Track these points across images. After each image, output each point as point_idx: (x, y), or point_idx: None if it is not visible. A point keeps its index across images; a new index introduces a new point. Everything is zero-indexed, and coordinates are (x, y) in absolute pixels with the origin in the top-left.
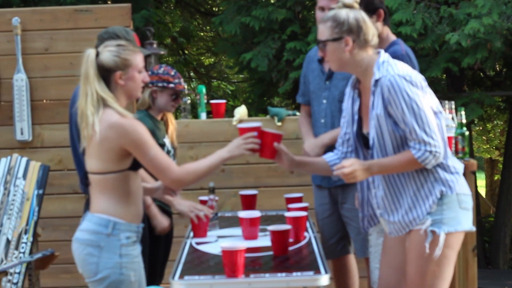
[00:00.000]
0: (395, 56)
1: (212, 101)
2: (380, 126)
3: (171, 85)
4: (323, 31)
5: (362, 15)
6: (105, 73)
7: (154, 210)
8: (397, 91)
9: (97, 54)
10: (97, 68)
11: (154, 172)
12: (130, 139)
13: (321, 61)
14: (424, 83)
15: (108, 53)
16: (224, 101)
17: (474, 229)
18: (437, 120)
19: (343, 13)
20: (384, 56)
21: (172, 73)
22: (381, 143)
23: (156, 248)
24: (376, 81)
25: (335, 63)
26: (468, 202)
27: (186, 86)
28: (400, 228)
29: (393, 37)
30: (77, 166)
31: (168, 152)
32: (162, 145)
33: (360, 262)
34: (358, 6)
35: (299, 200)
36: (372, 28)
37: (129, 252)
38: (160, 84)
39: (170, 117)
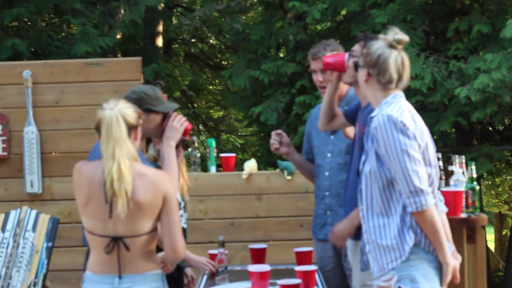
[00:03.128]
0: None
1: (222, 155)
2: (369, 163)
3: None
4: None
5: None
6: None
7: (188, 254)
8: (381, 130)
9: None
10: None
11: (169, 235)
12: (167, 193)
13: None
14: (418, 132)
15: (130, 110)
16: (234, 154)
17: None
18: (428, 169)
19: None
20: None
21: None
22: (368, 182)
23: None
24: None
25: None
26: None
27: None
28: None
29: None
30: None
31: (179, 205)
32: None
33: None
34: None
35: (309, 254)
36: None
37: None
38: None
39: (181, 169)
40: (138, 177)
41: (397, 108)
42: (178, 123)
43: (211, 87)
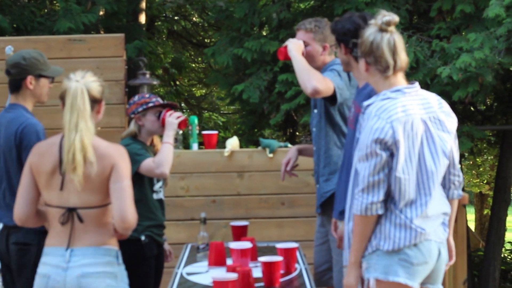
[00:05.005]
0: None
1: (204, 132)
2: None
3: (150, 104)
4: None
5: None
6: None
7: None
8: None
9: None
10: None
11: (118, 203)
12: (116, 163)
13: None
14: (388, 138)
15: (95, 84)
16: (216, 132)
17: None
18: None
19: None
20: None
21: (147, 95)
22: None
23: (147, 280)
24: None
25: None
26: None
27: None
28: None
29: None
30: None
31: (158, 179)
32: None
33: None
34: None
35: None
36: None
37: (127, 280)
38: (140, 109)
39: (159, 143)
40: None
41: (388, 109)
42: (174, 118)
43: (193, 65)
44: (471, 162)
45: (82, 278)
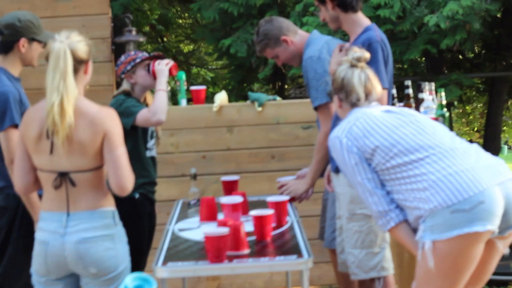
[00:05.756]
0: (369, 42)
1: (192, 88)
2: None
3: (138, 60)
4: None
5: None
6: (77, 66)
7: None
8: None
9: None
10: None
11: (114, 172)
12: (108, 130)
13: None
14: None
15: (81, 43)
16: (204, 87)
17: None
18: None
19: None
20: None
21: (133, 53)
22: None
23: (141, 237)
24: None
25: None
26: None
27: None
28: None
29: (367, 22)
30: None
31: (152, 133)
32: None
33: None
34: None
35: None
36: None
37: (125, 238)
38: (129, 67)
39: (151, 100)
40: (79, 115)
41: (344, 124)
42: (163, 65)
43: (180, 21)
44: (460, 111)
45: (80, 244)
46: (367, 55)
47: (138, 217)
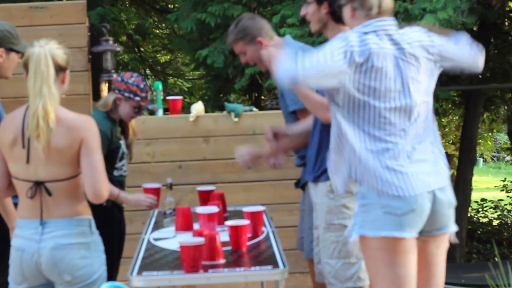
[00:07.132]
0: None
1: (168, 97)
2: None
3: (137, 98)
4: None
5: None
6: (57, 73)
7: (125, 195)
8: None
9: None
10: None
11: (90, 179)
12: (85, 137)
13: None
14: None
15: (60, 51)
16: (180, 97)
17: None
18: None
19: None
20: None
21: (142, 85)
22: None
23: (111, 244)
24: None
25: None
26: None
27: (150, 98)
28: None
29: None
30: None
31: (122, 154)
32: (118, 147)
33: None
34: None
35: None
36: None
37: (102, 247)
38: (126, 94)
39: (132, 122)
40: (56, 122)
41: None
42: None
43: (157, 31)
44: (436, 123)
45: (56, 250)
46: None
47: (109, 224)
